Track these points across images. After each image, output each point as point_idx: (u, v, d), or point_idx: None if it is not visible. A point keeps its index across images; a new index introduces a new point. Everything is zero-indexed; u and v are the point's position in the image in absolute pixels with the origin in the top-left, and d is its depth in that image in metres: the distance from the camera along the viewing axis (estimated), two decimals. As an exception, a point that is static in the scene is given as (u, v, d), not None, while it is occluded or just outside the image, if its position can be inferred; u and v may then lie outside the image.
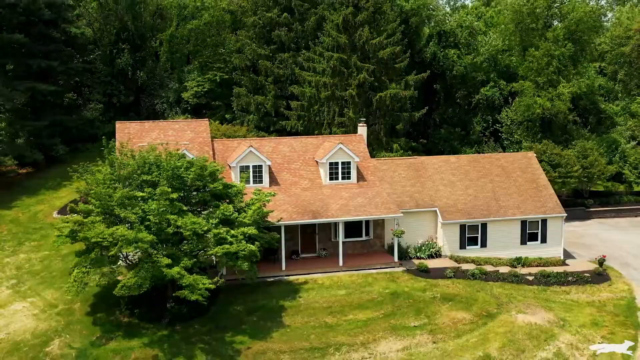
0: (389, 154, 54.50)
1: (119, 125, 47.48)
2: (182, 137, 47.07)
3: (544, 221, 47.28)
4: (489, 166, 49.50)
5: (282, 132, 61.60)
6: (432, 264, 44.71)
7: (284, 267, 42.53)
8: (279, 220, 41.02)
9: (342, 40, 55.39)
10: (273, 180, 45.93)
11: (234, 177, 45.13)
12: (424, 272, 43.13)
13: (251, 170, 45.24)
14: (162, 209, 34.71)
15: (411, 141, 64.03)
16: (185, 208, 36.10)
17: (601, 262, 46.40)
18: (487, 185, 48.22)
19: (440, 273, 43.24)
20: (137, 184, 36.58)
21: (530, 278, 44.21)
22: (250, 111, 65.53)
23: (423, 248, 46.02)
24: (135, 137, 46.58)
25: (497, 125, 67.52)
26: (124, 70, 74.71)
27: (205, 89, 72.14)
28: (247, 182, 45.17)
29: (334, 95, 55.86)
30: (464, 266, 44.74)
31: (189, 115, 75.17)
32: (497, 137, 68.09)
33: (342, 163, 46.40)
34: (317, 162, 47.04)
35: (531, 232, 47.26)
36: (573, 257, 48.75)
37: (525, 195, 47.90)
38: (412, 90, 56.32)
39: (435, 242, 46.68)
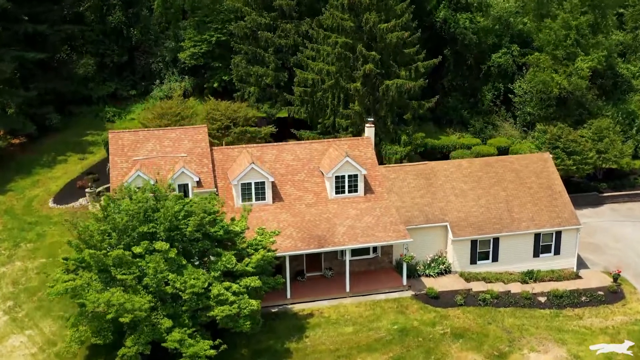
0: (395, 147, 51.89)
1: (111, 135, 44.81)
2: (179, 148, 44.50)
3: (559, 232, 45.49)
4: (502, 171, 47.14)
5: (285, 107, 58.64)
6: (442, 284, 43.26)
7: (289, 295, 41.07)
8: (280, 259, 39.31)
9: (348, 24, 51.58)
10: (276, 195, 43.80)
11: (235, 194, 43.02)
12: (434, 298, 41.73)
13: (253, 186, 43.04)
14: (159, 269, 32.94)
15: (422, 107, 60.23)
16: (184, 262, 34.29)
17: (616, 277, 44.97)
18: (500, 193, 46.04)
19: (450, 299, 41.85)
20: (134, 236, 34.44)
21: (543, 300, 42.90)
22: (251, 82, 62.34)
23: (432, 265, 44.44)
24: (130, 149, 44.03)
25: (510, 95, 64.31)
26: (116, 28, 70.66)
27: (203, 50, 68.40)
28: (249, 199, 43.24)
29: (339, 83, 52.67)
30: (475, 287, 43.28)
31: (186, 77, 71.88)
32: (509, 106, 65.07)
33: (349, 176, 44.15)
34: (322, 172, 44.73)
35: (544, 245, 45.57)
36: (586, 266, 47.27)
37: (540, 205, 45.82)
38: (422, 80, 52.88)
39: (445, 257, 45.07)
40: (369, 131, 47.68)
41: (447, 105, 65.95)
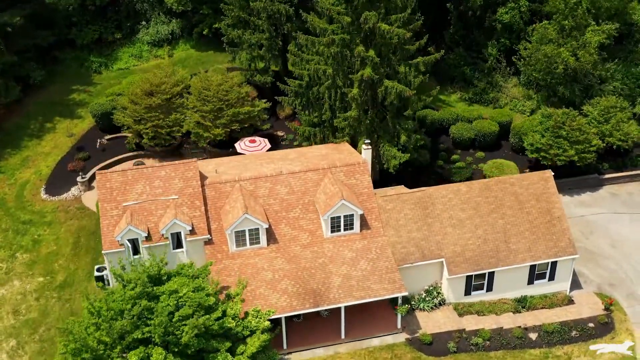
0: (394, 150, 49.99)
1: (99, 177, 43.20)
2: (169, 189, 43.17)
3: (554, 261, 45.43)
4: (502, 195, 46.03)
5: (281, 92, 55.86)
6: (435, 321, 43.90)
7: (285, 346, 41.87)
8: (273, 324, 39.66)
9: (345, 19, 47.75)
10: (271, 237, 43.20)
11: (229, 241, 42.45)
12: (427, 344, 42.57)
13: (247, 233, 42.38)
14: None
15: (423, 100, 56.30)
16: (181, 363, 34.87)
17: (607, 307, 45.55)
18: (497, 222, 45.34)
19: (443, 344, 42.64)
20: (129, 341, 34.60)
21: (534, 337, 43.75)
22: (243, 48, 59.07)
23: (427, 299, 44.85)
24: (119, 192, 42.69)
25: (515, 55, 61.07)
26: (95, -32, 65.78)
27: (191, -6, 64.18)
28: (244, 244, 42.78)
29: (335, 82, 49.81)
30: (467, 324, 43.95)
31: (173, 19, 67.82)
32: (513, 63, 61.98)
33: (345, 216, 43.30)
34: (317, 209, 43.85)
35: (539, 272, 45.68)
36: (579, 285, 47.56)
37: (538, 233, 45.30)
38: (421, 76, 49.81)
39: (440, 288, 45.36)
40: (366, 153, 46.05)
41: (448, 63, 62.90)
